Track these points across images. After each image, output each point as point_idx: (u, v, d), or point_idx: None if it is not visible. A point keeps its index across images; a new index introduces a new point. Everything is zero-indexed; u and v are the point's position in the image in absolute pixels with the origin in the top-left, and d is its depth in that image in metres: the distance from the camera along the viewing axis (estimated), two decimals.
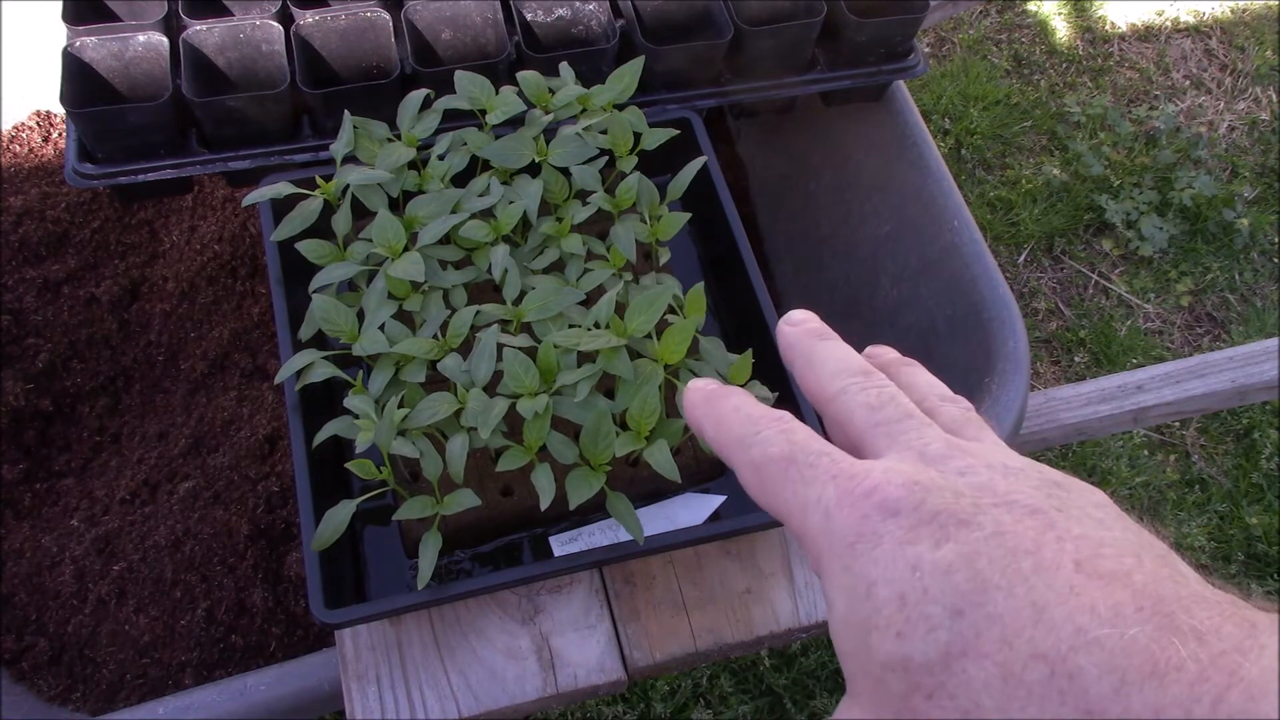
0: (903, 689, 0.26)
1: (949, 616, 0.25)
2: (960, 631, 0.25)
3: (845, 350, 0.35)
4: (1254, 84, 2.22)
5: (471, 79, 0.84)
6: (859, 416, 0.33)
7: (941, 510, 0.27)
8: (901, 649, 0.26)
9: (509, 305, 0.76)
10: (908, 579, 0.26)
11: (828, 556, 0.29)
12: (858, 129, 1.17)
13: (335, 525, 0.69)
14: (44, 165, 1.28)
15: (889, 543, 0.27)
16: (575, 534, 0.80)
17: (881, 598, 0.27)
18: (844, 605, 0.28)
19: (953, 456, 0.30)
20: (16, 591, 1.01)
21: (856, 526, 0.28)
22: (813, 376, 0.35)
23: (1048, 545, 0.26)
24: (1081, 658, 0.23)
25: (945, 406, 0.34)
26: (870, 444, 0.32)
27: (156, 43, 0.91)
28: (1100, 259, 1.97)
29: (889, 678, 0.26)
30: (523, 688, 0.73)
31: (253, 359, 1.19)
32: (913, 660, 0.26)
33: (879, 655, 0.26)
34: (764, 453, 0.32)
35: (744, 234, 0.86)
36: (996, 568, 0.26)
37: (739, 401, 0.34)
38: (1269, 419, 1.77)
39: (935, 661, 0.25)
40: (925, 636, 0.26)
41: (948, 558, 0.26)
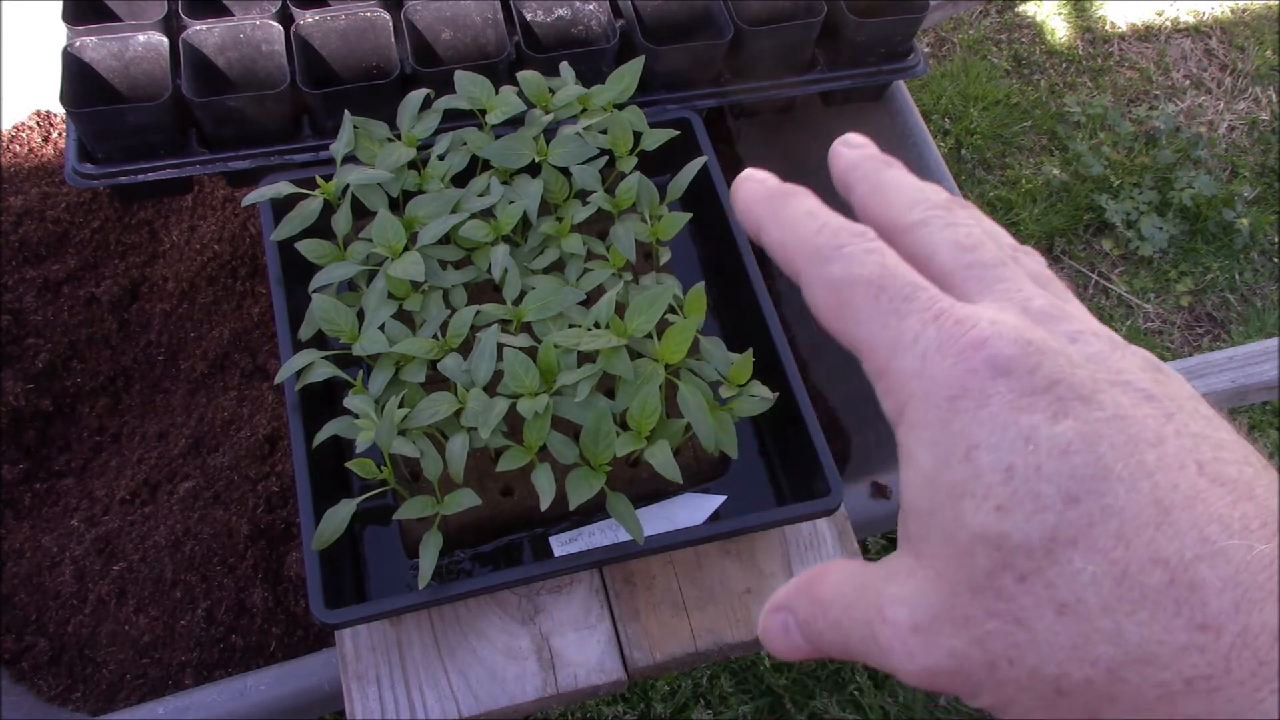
0: (990, 565, 0.24)
1: (1062, 500, 0.23)
2: (1072, 519, 0.23)
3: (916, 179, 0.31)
4: (1254, 84, 2.22)
5: (471, 79, 0.84)
6: (945, 254, 0.29)
7: (1059, 379, 0.25)
8: (1000, 523, 0.24)
9: (509, 305, 0.76)
10: (1019, 450, 0.24)
11: (918, 404, 0.26)
12: (858, 129, 1.17)
13: (335, 525, 0.69)
14: (44, 165, 1.28)
15: (998, 405, 0.25)
16: (575, 534, 0.80)
17: (984, 464, 0.24)
18: (932, 462, 0.26)
19: (1060, 318, 0.27)
20: (16, 591, 1.01)
21: (961, 380, 0.25)
22: (882, 203, 0.31)
23: (1169, 440, 0.24)
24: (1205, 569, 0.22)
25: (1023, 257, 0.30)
26: (959, 286, 0.28)
27: (156, 43, 0.91)
28: (1100, 259, 1.97)
29: (977, 549, 0.24)
30: (523, 688, 0.73)
31: (253, 359, 1.19)
32: (1010, 538, 0.24)
33: (970, 525, 0.24)
34: (848, 272, 0.28)
35: (744, 234, 0.86)
36: (1119, 456, 0.24)
37: (811, 205, 0.31)
38: (1269, 419, 1.77)
39: (1037, 544, 0.24)
40: (1031, 516, 0.24)
41: (1067, 435, 0.24)
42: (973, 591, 0.24)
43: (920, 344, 0.26)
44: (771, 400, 0.73)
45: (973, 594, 0.24)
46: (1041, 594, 0.23)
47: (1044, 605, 0.23)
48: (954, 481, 0.25)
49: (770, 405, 0.73)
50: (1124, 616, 0.23)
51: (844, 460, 1.11)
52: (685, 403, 0.69)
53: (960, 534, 0.25)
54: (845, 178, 0.33)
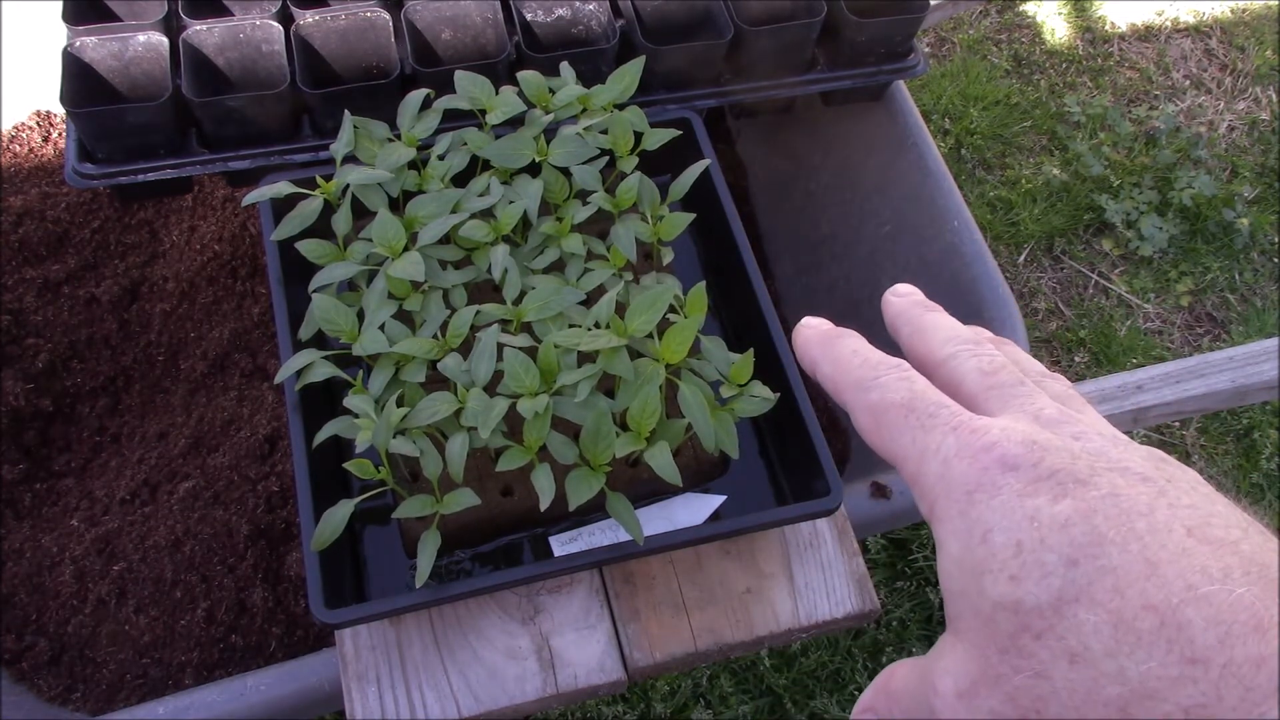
0: (1012, 629, 0.28)
1: (1064, 565, 0.27)
2: (1074, 579, 0.27)
3: (952, 320, 0.37)
4: (1254, 84, 2.22)
5: (471, 79, 0.84)
6: (971, 379, 0.34)
7: (1059, 469, 0.29)
8: (1014, 591, 0.28)
9: (509, 305, 0.76)
10: (1025, 528, 0.28)
11: (943, 503, 0.30)
12: (858, 129, 1.17)
13: (334, 525, 0.69)
14: (44, 165, 1.28)
15: (1007, 494, 0.29)
16: (575, 534, 0.80)
17: (997, 543, 0.28)
18: (958, 548, 0.30)
19: (1066, 422, 0.32)
20: (16, 591, 1.01)
21: (976, 477, 0.30)
22: (922, 342, 0.37)
23: (1160, 510, 0.28)
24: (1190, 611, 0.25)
25: (1047, 381, 0.36)
26: (983, 405, 0.33)
27: (156, 43, 0.91)
28: (1100, 259, 1.97)
29: (999, 617, 0.28)
30: (523, 688, 0.73)
31: (253, 359, 1.19)
32: (1024, 603, 0.27)
33: (991, 595, 0.28)
34: (883, 398, 0.33)
35: (744, 234, 0.86)
36: (1112, 524, 0.27)
37: (856, 345, 0.36)
38: (1269, 419, 1.77)
39: (1047, 605, 0.27)
40: (1039, 581, 0.27)
41: (1065, 512, 0.28)
42: (1000, 653, 0.28)
43: (942, 451, 0.31)
44: (772, 400, 0.73)
45: (1000, 655, 0.28)
46: (1056, 647, 0.27)
47: (1059, 657, 0.27)
48: (975, 562, 0.29)
49: (771, 405, 0.73)
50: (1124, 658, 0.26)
51: (844, 460, 1.11)
52: (686, 403, 0.69)
53: (984, 605, 0.29)
54: (893, 323, 0.39)
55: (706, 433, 0.69)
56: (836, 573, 0.79)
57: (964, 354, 0.35)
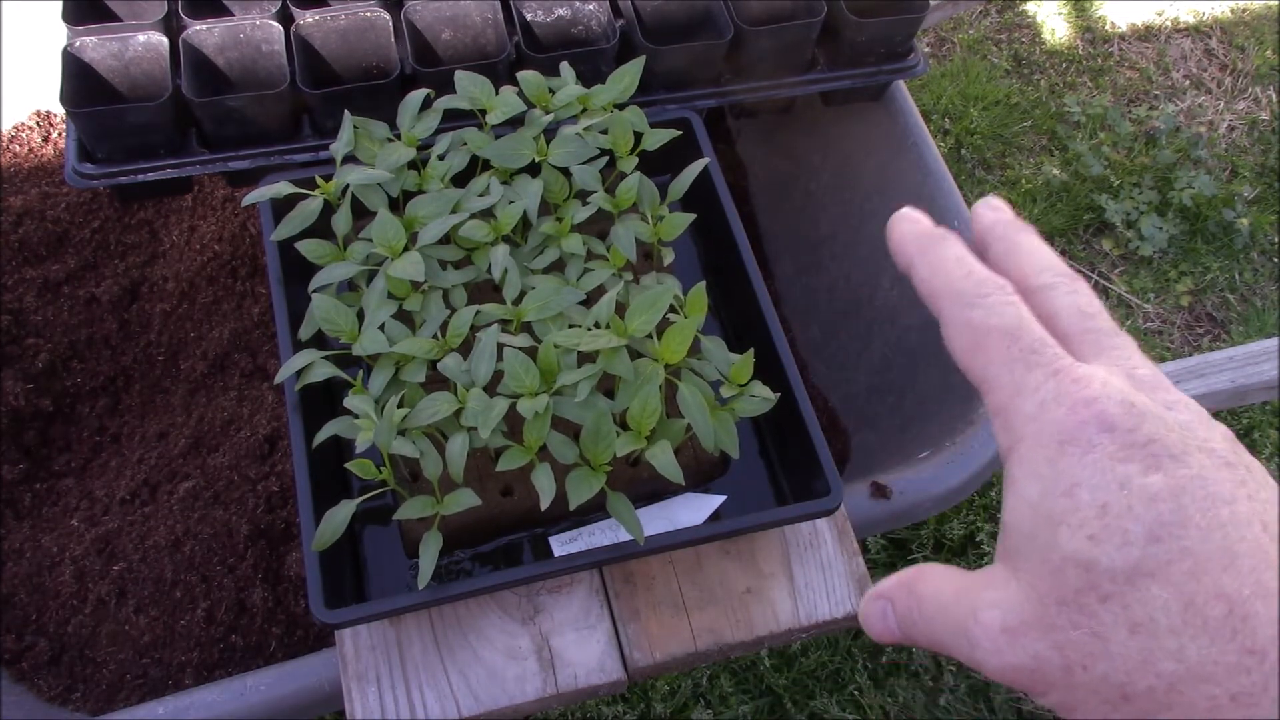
0: (1078, 585, 0.28)
1: (1146, 539, 0.28)
2: (1153, 555, 0.28)
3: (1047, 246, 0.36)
4: (1254, 84, 2.22)
5: (471, 79, 0.84)
6: (1067, 316, 0.34)
7: (1155, 439, 0.29)
8: (1091, 551, 0.28)
9: (509, 305, 0.76)
10: (1114, 492, 0.29)
11: (1030, 444, 0.31)
12: (858, 129, 1.17)
13: (335, 525, 0.69)
14: (44, 165, 1.28)
15: (1100, 454, 0.29)
16: (575, 534, 0.80)
17: (1083, 500, 0.29)
18: (1037, 493, 0.30)
19: (1160, 387, 0.32)
20: (16, 591, 1.01)
21: (1072, 429, 0.30)
22: (1015, 263, 0.35)
23: (1241, 501, 0.28)
24: (1259, 605, 0.27)
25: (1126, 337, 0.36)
26: (1078, 347, 0.33)
27: (156, 43, 0.91)
28: (1100, 259, 1.97)
29: (1068, 570, 0.29)
30: (523, 688, 0.73)
31: (253, 359, 1.19)
32: (1098, 564, 0.28)
33: (1064, 548, 0.29)
34: (986, 320, 0.32)
35: (744, 234, 0.86)
36: (1199, 508, 0.28)
37: (960, 252, 0.35)
38: (1269, 419, 1.77)
39: (1120, 572, 0.28)
40: (1119, 548, 0.28)
41: (1156, 485, 0.28)
42: (1059, 605, 0.29)
43: (1040, 393, 0.31)
44: (772, 400, 0.73)
45: (1059, 607, 0.29)
46: (1119, 614, 0.28)
47: (1120, 623, 0.28)
48: (1054, 511, 0.29)
49: (771, 405, 0.73)
50: (1188, 639, 0.27)
51: (844, 460, 1.11)
52: (685, 403, 0.69)
53: (1054, 555, 0.29)
54: (984, 235, 0.37)
55: (706, 433, 0.69)
56: (836, 573, 0.79)
57: (1062, 286, 0.34)
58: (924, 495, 0.88)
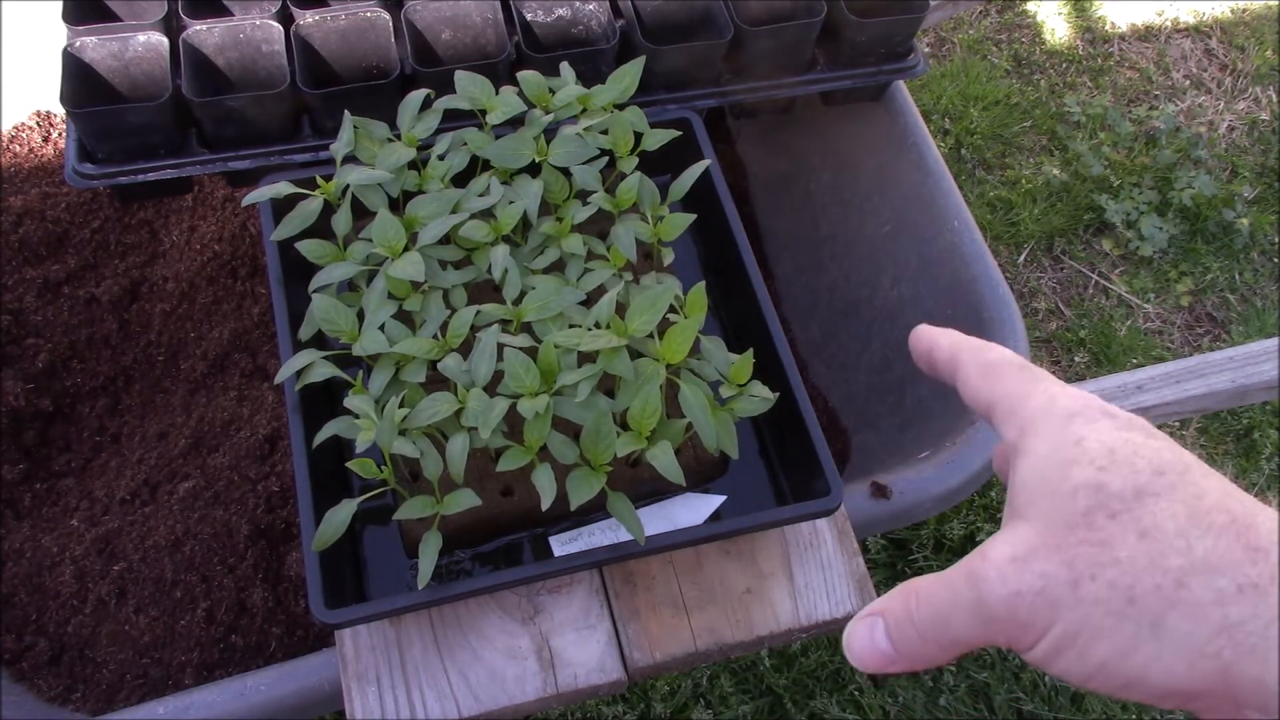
0: (1087, 505, 0.31)
1: (1151, 470, 0.31)
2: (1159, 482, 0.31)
3: None
4: (1254, 84, 2.22)
5: (471, 79, 0.84)
6: None
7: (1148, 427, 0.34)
8: (1100, 476, 0.31)
9: (509, 305, 0.76)
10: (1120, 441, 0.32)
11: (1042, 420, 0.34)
12: (858, 129, 1.17)
13: (335, 525, 0.69)
14: (44, 165, 1.28)
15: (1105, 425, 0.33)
16: (575, 534, 0.80)
17: (1091, 446, 0.32)
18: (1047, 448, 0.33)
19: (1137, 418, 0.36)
20: (16, 591, 1.01)
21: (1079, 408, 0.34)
22: None
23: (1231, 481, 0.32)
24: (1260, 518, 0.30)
25: None
26: None
27: (156, 43, 0.91)
28: (1100, 259, 1.97)
29: (1079, 495, 0.31)
30: (523, 688, 0.73)
31: (253, 359, 1.19)
32: (1108, 486, 0.31)
33: (1074, 478, 0.32)
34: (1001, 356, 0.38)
35: (744, 234, 0.86)
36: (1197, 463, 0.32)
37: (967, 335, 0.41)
38: (1269, 419, 1.77)
39: (1129, 492, 0.31)
40: (1126, 476, 0.31)
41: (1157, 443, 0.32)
42: (1068, 527, 0.31)
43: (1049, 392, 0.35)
44: (772, 400, 0.73)
45: (1068, 528, 0.31)
46: (1128, 524, 0.30)
47: (1129, 532, 0.30)
48: (1065, 457, 0.32)
49: (770, 405, 0.73)
50: (1195, 538, 0.29)
51: (844, 460, 1.11)
52: (686, 402, 0.69)
53: (1065, 486, 0.32)
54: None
55: (707, 433, 0.69)
56: (836, 573, 0.79)
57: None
58: (924, 495, 0.88)
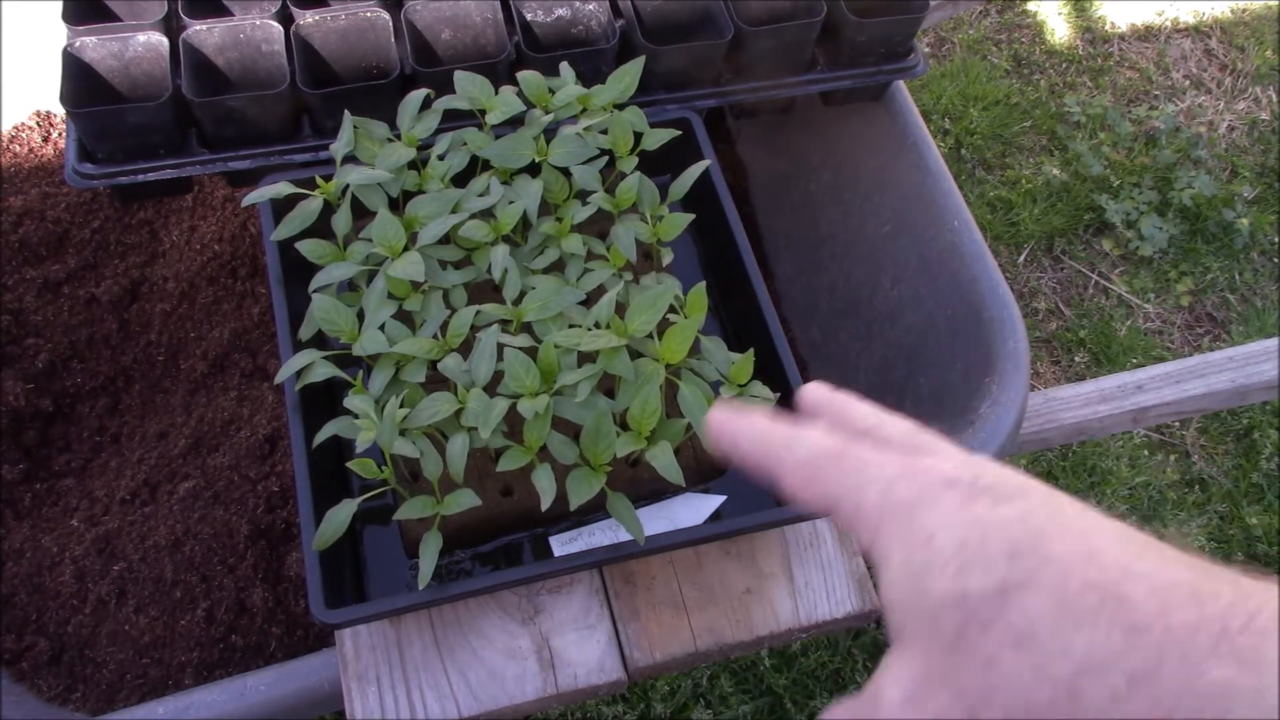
0: (957, 623, 0.28)
1: (1007, 557, 0.28)
2: (1018, 569, 0.28)
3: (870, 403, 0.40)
4: (1254, 84, 2.22)
5: (471, 79, 0.84)
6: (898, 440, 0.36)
7: (996, 484, 0.31)
8: (959, 584, 0.29)
9: (509, 305, 0.76)
10: (968, 529, 0.30)
11: (886, 521, 0.32)
12: (858, 129, 1.17)
13: (336, 525, 0.69)
14: (44, 165, 1.28)
15: (948, 505, 0.30)
16: (575, 534, 0.80)
17: (940, 543, 0.30)
18: (901, 556, 0.31)
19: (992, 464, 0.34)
20: (16, 591, 1.01)
21: (918, 493, 0.31)
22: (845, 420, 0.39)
23: (1090, 515, 0.30)
24: (1130, 585, 0.27)
25: None
26: None
27: (156, 43, 0.91)
28: (1100, 259, 1.97)
29: (944, 614, 0.29)
30: (523, 688, 0.73)
31: (253, 359, 1.19)
32: (970, 594, 0.28)
33: (934, 594, 0.29)
34: (814, 449, 0.35)
35: (744, 234, 0.86)
36: (1050, 523, 0.29)
37: (771, 418, 0.38)
38: (1269, 419, 1.77)
39: (992, 593, 0.28)
40: (984, 573, 0.28)
41: (1005, 514, 0.30)
42: (946, 651, 0.29)
43: (882, 478, 0.32)
44: (772, 400, 0.73)
45: (946, 654, 0.29)
46: (1003, 636, 0.28)
47: (1005, 644, 0.28)
48: (919, 564, 0.30)
49: (771, 405, 0.73)
50: (1069, 634, 0.27)
51: None
52: (686, 402, 0.69)
53: (927, 604, 0.29)
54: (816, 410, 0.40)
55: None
56: (836, 573, 0.79)
57: (888, 422, 0.37)
58: None
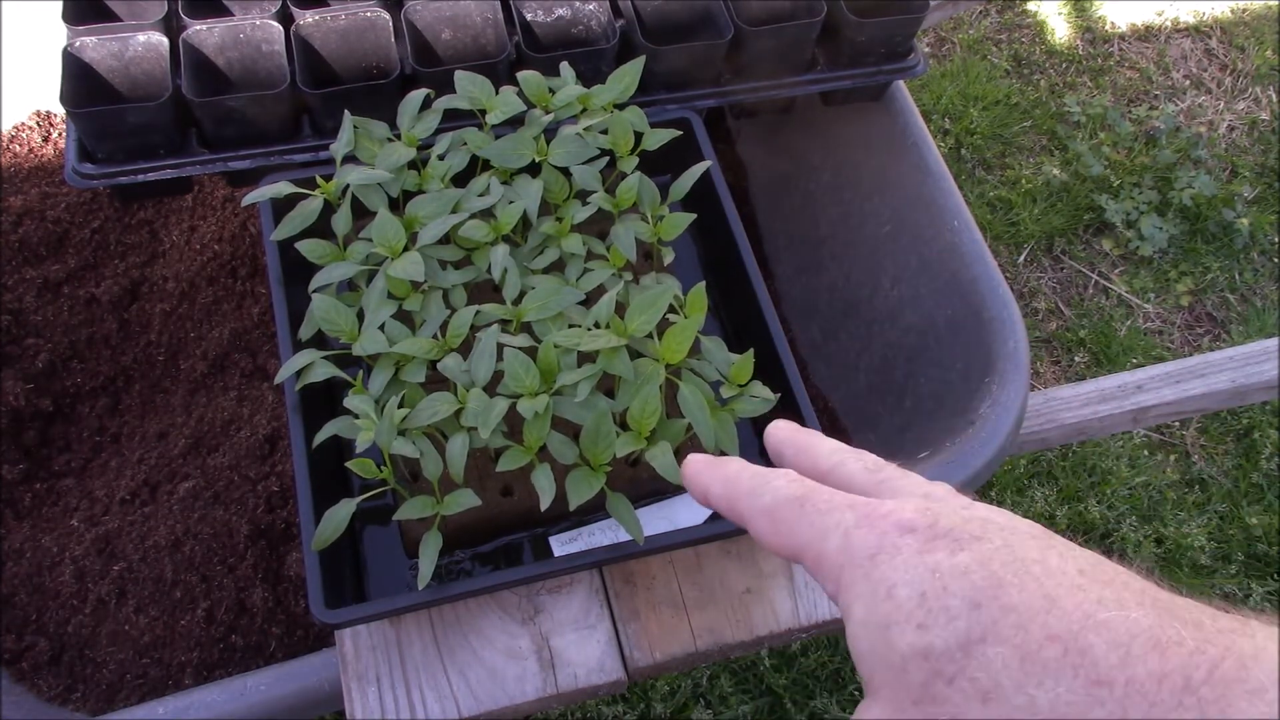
0: (923, 677, 0.28)
1: (968, 608, 0.28)
2: (979, 620, 0.28)
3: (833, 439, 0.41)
4: (1254, 84, 2.22)
5: (471, 79, 0.84)
6: (860, 478, 0.37)
7: (954, 528, 0.31)
8: (923, 639, 0.29)
9: (509, 305, 0.76)
10: (927, 580, 0.29)
11: (848, 570, 0.32)
12: (858, 129, 1.17)
13: (335, 525, 0.69)
14: (44, 165, 1.28)
15: (908, 553, 0.30)
16: (575, 534, 0.80)
17: (902, 596, 0.30)
18: (864, 609, 0.31)
19: (954, 498, 0.34)
20: (16, 591, 1.01)
21: (876, 541, 0.31)
22: (808, 458, 0.40)
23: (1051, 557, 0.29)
24: (1091, 636, 0.27)
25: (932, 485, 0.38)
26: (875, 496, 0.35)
27: (156, 43, 0.91)
28: (1100, 259, 1.97)
29: (910, 667, 0.29)
30: (523, 688, 0.73)
31: (253, 359, 1.19)
32: (934, 648, 0.28)
33: (899, 647, 0.29)
34: (776, 496, 0.35)
35: (744, 234, 0.86)
36: (1009, 570, 0.29)
37: (742, 464, 0.39)
38: (1269, 419, 1.77)
39: (955, 647, 0.28)
40: (946, 626, 0.28)
41: (964, 561, 0.29)
42: (915, 704, 0.29)
43: (842, 526, 0.33)
44: (772, 401, 0.73)
45: (915, 706, 0.29)
46: (968, 689, 0.28)
47: (971, 698, 0.28)
48: (882, 616, 0.30)
49: (771, 405, 0.73)
50: (1033, 688, 0.27)
51: None
52: (686, 403, 0.69)
53: (894, 658, 0.29)
54: (778, 449, 0.41)
55: (706, 433, 0.69)
56: None
57: (850, 459, 0.38)
58: None
